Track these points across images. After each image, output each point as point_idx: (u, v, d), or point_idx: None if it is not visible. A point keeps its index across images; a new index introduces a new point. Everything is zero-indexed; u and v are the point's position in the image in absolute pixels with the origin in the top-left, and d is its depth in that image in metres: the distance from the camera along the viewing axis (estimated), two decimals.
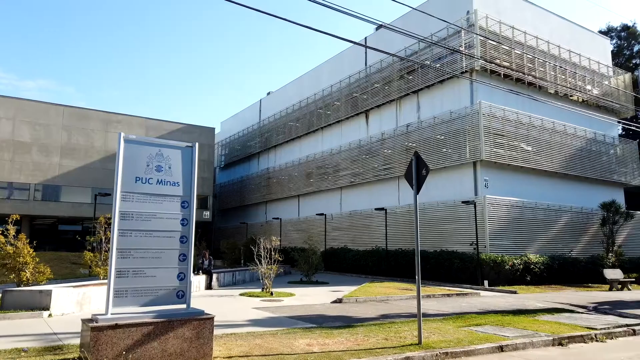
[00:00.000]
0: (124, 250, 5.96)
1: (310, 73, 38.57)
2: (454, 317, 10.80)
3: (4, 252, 13.38)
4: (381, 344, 7.60)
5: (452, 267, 21.21)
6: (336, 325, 9.53)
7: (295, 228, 36.00)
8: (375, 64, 30.39)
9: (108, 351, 5.46)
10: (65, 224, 37.89)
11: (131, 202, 6.11)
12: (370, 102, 30.47)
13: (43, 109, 34.98)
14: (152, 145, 6.46)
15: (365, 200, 30.05)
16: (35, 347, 6.89)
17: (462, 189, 23.68)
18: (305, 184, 35.90)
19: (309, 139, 36.90)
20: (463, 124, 23.72)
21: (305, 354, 6.69)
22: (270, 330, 8.74)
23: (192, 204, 6.57)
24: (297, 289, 17.53)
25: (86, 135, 36.41)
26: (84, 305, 11.68)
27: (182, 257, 6.37)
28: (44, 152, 34.54)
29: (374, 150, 29.53)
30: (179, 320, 6.02)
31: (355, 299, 14.26)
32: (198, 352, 6.03)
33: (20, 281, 13.48)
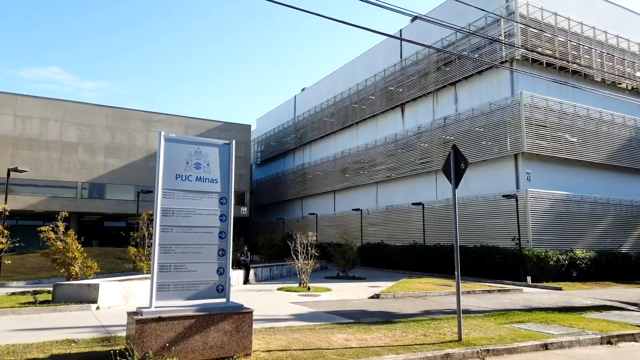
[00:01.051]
0: (165, 245, 6.13)
1: (345, 68, 38.40)
2: (495, 314, 10.53)
3: (55, 248, 14.06)
4: (420, 340, 7.50)
5: (492, 263, 20.68)
6: (374, 320, 9.48)
7: (331, 223, 36.05)
8: (411, 56, 29.91)
9: (152, 343, 5.63)
10: (110, 220, 39.44)
11: (172, 199, 6.26)
12: (406, 96, 30.04)
13: (88, 110, 36.44)
14: (190, 143, 6.60)
15: (402, 195, 29.72)
16: (85, 339, 7.21)
17: (502, 182, 23.02)
18: (340, 180, 35.86)
19: (344, 134, 36.79)
20: (503, 115, 23.02)
21: (344, 349, 6.68)
22: (308, 324, 8.79)
23: (230, 200, 6.67)
24: (334, 284, 17.56)
25: (128, 134, 37.69)
26: (129, 299, 12.12)
27: (221, 252, 6.49)
28: (89, 152, 36.01)
29: (410, 144, 29.13)
30: (219, 314, 6.13)
31: (392, 294, 14.14)
32: (238, 346, 6.14)
33: (70, 275, 14.13)
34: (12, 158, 32.55)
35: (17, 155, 33.05)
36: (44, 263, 18.10)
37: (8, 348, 6.49)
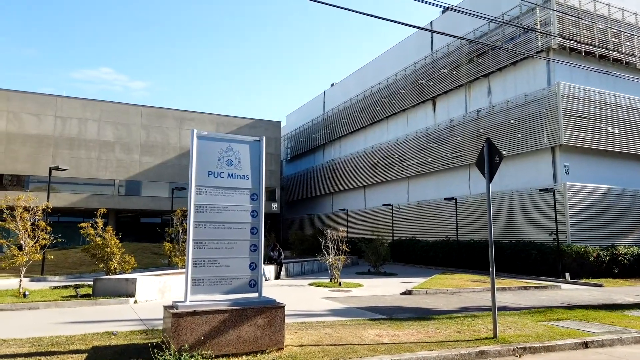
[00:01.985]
0: (199, 241, 6.24)
1: (374, 62, 38.07)
2: (532, 311, 10.25)
3: (94, 243, 14.57)
4: (454, 336, 7.39)
5: (529, 259, 20.14)
6: (406, 316, 9.39)
7: (362, 219, 35.92)
8: (442, 48, 29.36)
9: (188, 336, 5.76)
10: (146, 216, 40.56)
11: (205, 195, 6.37)
12: (437, 89, 29.52)
13: (124, 110, 37.54)
14: (222, 140, 6.69)
15: (434, 189, 29.29)
16: (124, 331, 7.45)
17: (538, 176, 22.34)
18: (371, 175, 35.65)
19: (374, 129, 36.52)
20: (539, 107, 22.30)
21: (376, 345, 6.65)
22: (340, 320, 8.80)
23: (261, 196, 6.74)
24: (365, 280, 17.51)
25: (162, 133, 38.61)
26: (165, 293, 12.44)
27: (253, 248, 6.57)
28: (125, 150, 37.11)
29: (442, 138, 28.64)
30: (251, 308, 6.21)
31: (425, 290, 13.98)
32: (270, 340, 6.20)
33: (109, 270, 14.61)
34: (53, 157, 33.91)
35: (58, 154, 34.41)
36: (85, 258, 18.78)
37: (52, 339, 6.77)
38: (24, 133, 33.89)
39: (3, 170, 33.38)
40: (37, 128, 34.33)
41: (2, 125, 33.36)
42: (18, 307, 10.10)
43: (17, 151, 33.53)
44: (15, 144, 33.51)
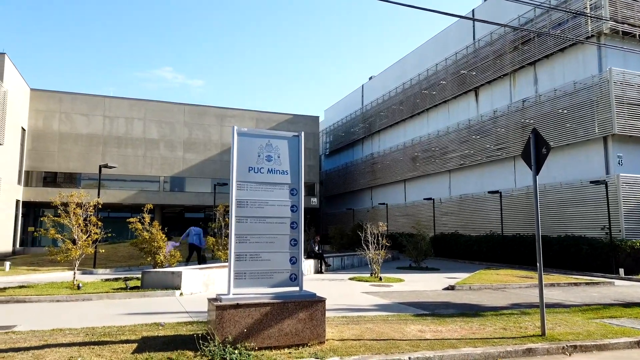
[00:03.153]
0: (241, 235, 6.35)
1: (413, 53, 37.39)
2: (583, 308, 9.82)
3: (142, 238, 15.13)
4: (499, 333, 7.18)
5: (579, 254, 19.30)
6: (449, 312, 9.22)
7: (402, 213, 35.51)
8: (485, 37, 28.45)
9: (231, 329, 5.88)
10: (189, 211, 41.76)
11: (245, 191, 6.47)
12: (480, 79, 28.67)
13: (167, 108, 38.71)
14: (262, 136, 6.76)
15: (477, 183, 28.55)
16: (170, 323, 7.69)
17: (589, 167, 21.32)
18: (411, 168, 35.14)
19: (414, 122, 35.94)
20: (589, 95, 21.24)
21: (418, 340, 6.57)
22: (381, 315, 8.74)
23: (301, 191, 6.77)
24: (406, 275, 17.32)
25: (204, 130, 39.57)
26: (209, 286, 12.76)
27: (293, 242, 6.61)
28: (169, 148, 38.29)
29: (485, 130, 27.82)
30: (292, 302, 6.27)
31: (468, 286, 13.66)
32: (312, 333, 6.24)
33: (156, 263, 15.15)
34: (102, 155, 35.45)
35: (107, 152, 35.94)
36: (133, 252, 19.55)
37: (104, 329, 7.10)
38: (75, 133, 35.61)
39: (57, 168, 35.23)
40: (87, 127, 35.98)
41: (55, 125, 35.17)
42: (72, 299, 10.65)
43: (70, 150, 35.28)
44: (67, 144, 35.28)
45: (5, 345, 6.09)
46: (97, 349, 5.85)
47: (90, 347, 5.92)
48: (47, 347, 5.91)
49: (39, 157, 34.57)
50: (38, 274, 16.95)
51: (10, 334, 6.81)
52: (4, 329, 7.21)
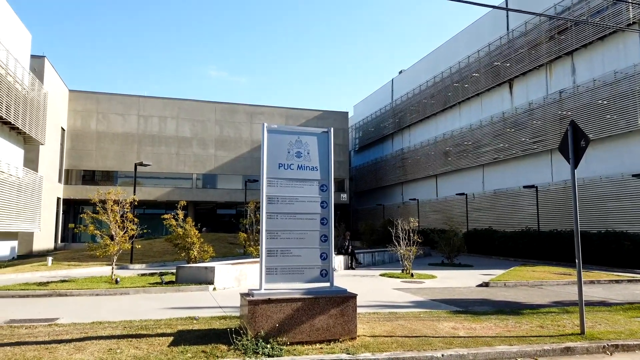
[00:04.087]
0: (272, 231, 6.40)
1: (444, 46, 36.70)
2: (625, 306, 9.43)
3: (176, 234, 15.49)
4: (535, 331, 6.98)
5: (620, 250, 18.55)
6: (483, 310, 9.03)
7: (434, 209, 35.03)
8: (519, 27, 27.62)
9: (263, 323, 5.94)
10: (221, 208, 42.47)
11: (276, 187, 6.51)
12: (514, 70, 27.87)
13: (199, 107, 39.44)
14: (291, 133, 6.79)
15: (511, 177, 27.83)
16: (204, 317, 7.85)
17: (631, 160, 20.43)
18: (442, 163, 34.58)
19: (445, 116, 35.32)
20: (632, 84, 20.32)
21: (451, 338, 6.46)
22: (413, 311, 8.65)
23: (330, 187, 6.76)
24: (438, 272, 17.08)
25: (235, 127, 40.12)
26: (241, 281, 12.94)
27: (323, 238, 6.61)
28: (201, 146, 39.03)
29: (520, 123, 27.05)
30: (323, 297, 6.28)
31: (503, 283, 13.35)
32: (343, 329, 6.23)
33: (189, 259, 15.48)
34: (137, 154, 36.46)
35: (142, 151, 36.95)
36: (168, 247, 20.05)
37: (141, 323, 7.30)
38: (111, 132, 36.76)
39: (94, 166, 36.48)
40: (123, 127, 37.07)
41: (93, 125, 36.40)
42: (111, 292, 11.01)
43: (106, 149, 36.46)
44: (104, 142, 36.46)
45: (49, 337, 6.35)
46: (134, 341, 6.03)
47: (128, 340, 6.10)
48: (87, 340, 6.13)
49: (78, 156, 35.88)
50: (78, 269, 17.62)
51: (54, 326, 7.10)
52: (48, 321, 7.52)
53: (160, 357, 5.35)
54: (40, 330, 6.79)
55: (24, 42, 25.20)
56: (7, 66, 21.18)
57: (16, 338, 6.27)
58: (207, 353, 5.49)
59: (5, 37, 21.56)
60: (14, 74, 22.06)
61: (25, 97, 23.59)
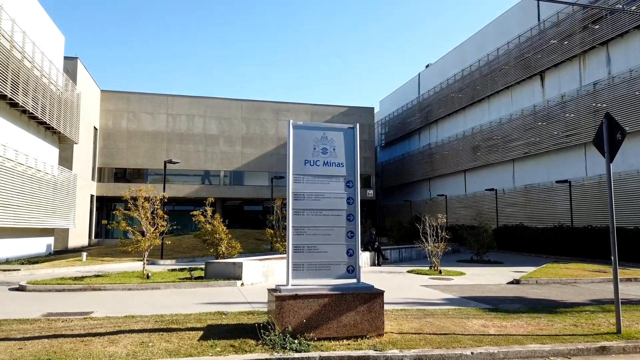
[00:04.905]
0: (298, 227, 6.42)
1: (473, 39, 35.97)
2: None
3: (204, 230, 15.74)
4: (569, 330, 6.79)
5: None
6: (514, 307, 8.84)
7: (462, 205, 34.47)
8: (551, 17, 26.80)
9: (290, 318, 5.98)
10: (248, 204, 42.94)
11: (302, 184, 6.52)
12: (545, 62, 27.07)
13: (226, 105, 39.93)
14: (317, 129, 6.79)
15: (543, 172, 27.10)
16: (233, 312, 7.96)
17: None
18: (471, 158, 33.97)
19: (474, 110, 34.65)
20: None
21: (481, 336, 6.35)
22: (441, 308, 8.54)
23: (356, 183, 6.73)
24: (468, 268, 16.82)
25: (261, 125, 40.45)
26: (269, 277, 13.06)
27: (349, 234, 6.59)
28: (228, 143, 39.53)
29: (552, 116, 26.29)
30: (350, 294, 6.27)
31: (535, 280, 13.04)
32: (370, 325, 6.21)
33: (218, 254, 15.71)
34: (167, 151, 37.22)
35: (171, 149, 37.69)
36: (197, 243, 20.41)
37: (172, 317, 7.46)
38: (142, 130, 37.63)
39: (125, 164, 37.45)
40: (152, 125, 37.90)
41: (123, 124, 37.34)
42: (143, 287, 11.29)
43: (137, 147, 37.36)
44: (135, 141, 37.37)
45: (84, 330, 6.56)
46: (165, 335, 6.16)
47: (159, 334, 6.24)
48: (120, 333, 6.30)
49: (110, 154, 36.89)
50: (111, 264, 18.14)
51: (89, 320, 7.34)
52: (83, 315, 7.78)
53: (191, 351, 5.45)
54: (75, 324, 7.02)
55: (58, 44, 26.02)
56: (42, 68, 21.92)
57: (53, 331, 6.50)
58: (236, 347, 5.56)
59: (40, 40, 22.31)
60: (48, 75, 22.82)
61: (60, 97, 24.38)
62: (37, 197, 21.38)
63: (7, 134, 19.45)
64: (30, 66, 20.67)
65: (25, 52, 20.10)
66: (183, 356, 5.26)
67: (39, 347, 5.55)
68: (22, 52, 19.84)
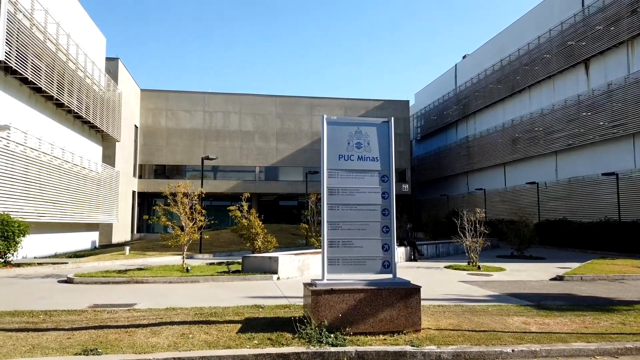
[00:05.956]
0: (333, 222, 6.41)
1: (511, 28, 34.82)
2: None
3: (241, 225, 15.99)
4: (616, 328, 6.50)
5: None
6: (557, 304, 8.54)
7: (502, 199, 33.57)
8: (596, 2, 25.59)
9: (326, 313, 6.00)
10: (283, 199, 43.31)
11: (336, 179, 6.51)
12: (590, 49, 25.90)
13: (260, 101, 40.36)
14: (351, 124, 6.75)
15: (588, 164, 26.01)
16: (269, 305, 8.06)
17: None
18: (511, 151, 32.99)
19: (514, 101, 33.59)
20: None
21: (522, 333, 6.17)
22: (480, 305, 8.36)
23: (392, 177, 6.65)
24: (508, 264, 16.38)
25: (295, 120, 40.67)
26: (304, 271, 13.15)
27: (385, 229, 6.54)
28: (263, 139, 39.97)
29: (598, 105, 25.15)
30: (386, 289, 6.22)
31: (580, 276, 12.56)
32: (407, 321, 6.15)
33: (254, 249, 15.95)
34: (204, 148, 38.01)
35: (208, 145, 38.47)
36: (234, 238, 20.77)
37: (211, 310, 7.64)
38: (180, 128, 38.58)
39: (165, 161, 38.52)
40: (190, 123, 38.79)
41: (162, 122, 38.39)
42: (182, 280, 11.61)
43: (175, 144, 38.35)
44: (173, 138, 38.37)
45: (128, 321, 6.81)
46: (205, 327, 6.31)
47: (199, 326, 6.40)
48: (162, 324, 6.50)
49: (150, 152, 38.04)
50: (153, 258, 18.73)
51: (132, 311, 7.61)
52: (127, 307, 8.07)
53: (229, 343, 5.56)
54: (120, 315, 7.29)
55: (99, 46, 26.99)
56: (85, 69, 22.81)
57: (99, 321, 6.78)
58: (273, 340, 5.63)
59: (83, 42, 23.20)
60: (91, 76, 23.73)
61: (102, 97, 25.32)
62: (82, 193, 22.31)
63: (54, 133, 20.38)
64: (74, 67, 21.55)
65: (69, 54, 20.97)
66: (222, 348, 5.37)
67: (86, 337, 5.80)
68: (67, 55, 20.70)
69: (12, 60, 15.79)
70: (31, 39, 17.22)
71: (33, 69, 17.37)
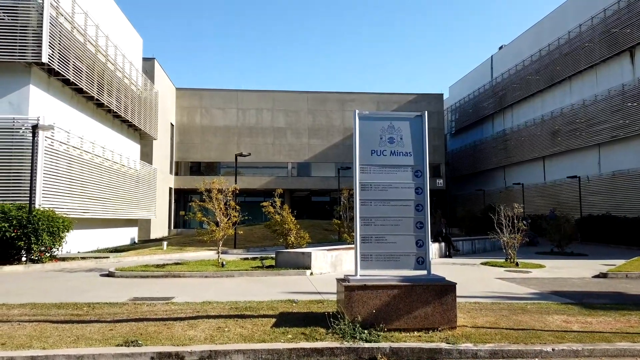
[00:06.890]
0: (365, 218, 6.38)
1: (551, 16, 33.56)
2: None
3: (274, 220, 16.15)
4: None
5: None
6: (600, 302, 8.22)
7: (540, 194, 32.53)
8: None
9: (360, 308, 5.98)
10: (316, 195, 43.43)
11: (369, 174, 6.46)
12: (635, 37, 24.64)
13: (292, 98, 40.54)
14: (383, 119, 6.68)
15: (634, 157, 24.82)
16: (303, 300, 8.11)
17: None
18: (550, 144, 31.88)
19: (553, 92, 32.41)
20: None
21: (562, 332, 5.97)
22: (518, 302, 8.14)
23: (425, 172, 6.54)
24: (547, 261, 15.88)
25: (326, 116, 40.65)
26: (337, 267, 13.16)
27: (419, 225, 6.45)
28: (295, 135, 40.16)
29: None
30: (421, 285, 6.15)
31: (625, 274, 12.04)
32: (442, 318, 6.06)
33: (287, 244, 16.08)
34: (237, 145, 38.54)
35: (241, 142, 39.00)
36: (267, 233, 21.00)
37: (246, 304, 7.76)
38: (214, 125, 39.27)
39: (200, 158, 39.32)
40: (224, 120, 39.42)
41: (197, 119, 39.18)
42: (218, 275, 11.84)
43: (210, 141, 39.07)
44: (207, 135, 39.10)
45: (166, 314, 7.01)
46: (240, 321, 6.42)
47: (234, 320, 6.51)
48: (199, 318, 6.65)
49: (185, 149, 38.91)
50: (189, 253, 19.19)
51: (170, 305, 7.82)
52: (165, 300, 8.30)
53: (264, 337, 5.63)
54: (158, 308, 7.51)
55: (136, 47, 27.75)
56: (123, 69, 23.51)
57: (139, 314, 7.00)
58: (307, 335, 5.66)
59: (121, 43, 23.91)
60: (129, 76, 24.44)
61: (140, 97, 26.05)
62: (122, 190, 23.07)
63: (94, 132, 21.13)
64: (113, 68, 22.24)
65: (108, 55, 21.65)
66: (257, 342, 5.44)
67: (127, 329, 6.00)
68: (106, 56, 21.38)
69: (55, 63, 16.44)
70: (72, 41, 17.87)
71: (75, 70, 18.04)
